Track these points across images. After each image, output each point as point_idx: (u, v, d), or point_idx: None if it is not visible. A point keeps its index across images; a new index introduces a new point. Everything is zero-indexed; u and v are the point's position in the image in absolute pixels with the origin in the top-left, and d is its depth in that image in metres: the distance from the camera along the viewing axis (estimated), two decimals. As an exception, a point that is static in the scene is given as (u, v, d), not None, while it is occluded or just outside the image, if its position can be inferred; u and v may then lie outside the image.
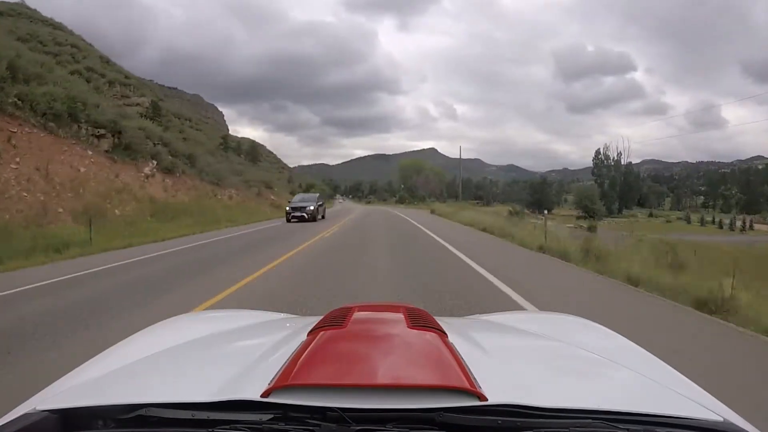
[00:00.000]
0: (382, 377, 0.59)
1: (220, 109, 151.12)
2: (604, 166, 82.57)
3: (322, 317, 0.86)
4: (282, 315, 1.35)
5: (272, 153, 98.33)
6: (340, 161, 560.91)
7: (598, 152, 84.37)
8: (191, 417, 0.55)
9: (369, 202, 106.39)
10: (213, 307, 4.31)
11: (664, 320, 4.14)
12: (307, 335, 0.75)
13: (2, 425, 0.56)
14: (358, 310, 0.85)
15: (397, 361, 0.65)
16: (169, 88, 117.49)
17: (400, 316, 0.82)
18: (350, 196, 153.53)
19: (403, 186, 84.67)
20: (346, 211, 32.95)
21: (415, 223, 17.87)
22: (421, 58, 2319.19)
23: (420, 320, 0.81)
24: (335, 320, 0.80)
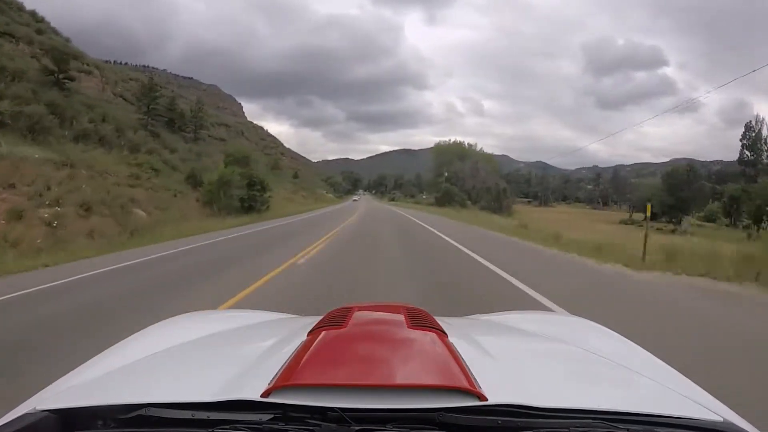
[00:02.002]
0: (383, 377, 0.62)
1: (239, 101, 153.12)
2: (760, 151, 50.77)
3: (322, 317, 0.89)
4: (282, 315, 1.39)
5: (272, 136, 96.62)
6: (365, 156, 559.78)
7: (749, 127, 52.16)
8: (191, 417, 0.58)
9: (393, 200, 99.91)
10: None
11: None
12: (308, 335, 0.77)
13: (2, 425, 0.60)
14: (359, 310, 0.88)
15: (397, 361, 0.68)
16: (185, 78, 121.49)
17: (401, 316, 0.85)
18: (373, 191, 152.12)
19: (446, 174, 59.73)
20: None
21: None
22: (447, 53, 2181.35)
23: (420, 320, 0.83)
24: (335, 320, 0.83)
